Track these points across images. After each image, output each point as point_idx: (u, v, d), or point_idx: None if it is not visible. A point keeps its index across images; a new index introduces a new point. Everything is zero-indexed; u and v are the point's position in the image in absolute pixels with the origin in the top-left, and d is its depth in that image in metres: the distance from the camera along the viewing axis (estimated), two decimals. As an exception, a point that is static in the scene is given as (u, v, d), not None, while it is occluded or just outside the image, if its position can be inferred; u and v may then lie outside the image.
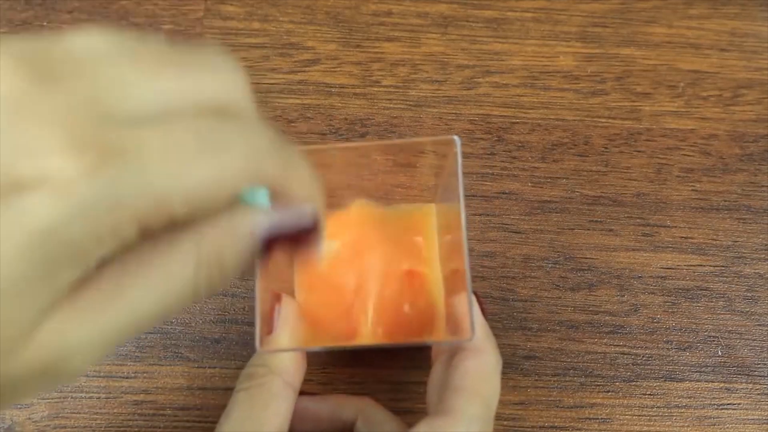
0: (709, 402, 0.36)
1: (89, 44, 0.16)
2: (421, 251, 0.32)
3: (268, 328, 0.29)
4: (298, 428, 0.29)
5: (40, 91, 0.15)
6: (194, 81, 0.17)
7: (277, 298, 0.29)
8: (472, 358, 0.28)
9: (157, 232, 0.17)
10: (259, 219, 0.18)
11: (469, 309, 0.27)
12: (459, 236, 0.27)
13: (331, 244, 0.30)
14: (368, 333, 0.30)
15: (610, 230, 0.38)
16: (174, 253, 0.17)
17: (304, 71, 0.41)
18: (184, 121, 0.17)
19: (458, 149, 0.28)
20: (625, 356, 0.36)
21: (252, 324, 0.36)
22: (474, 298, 0.27)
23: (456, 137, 0.28)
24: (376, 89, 0.41)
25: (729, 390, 0.36)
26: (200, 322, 0.36)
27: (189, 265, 0.17)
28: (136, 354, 0.35)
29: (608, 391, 0.36)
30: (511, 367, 0.36)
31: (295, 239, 0.20)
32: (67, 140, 0.15)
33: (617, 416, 0.35)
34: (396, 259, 0.31)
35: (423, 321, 0.31)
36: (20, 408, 0.34)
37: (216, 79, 0.18)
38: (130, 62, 0.16)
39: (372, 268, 0.31)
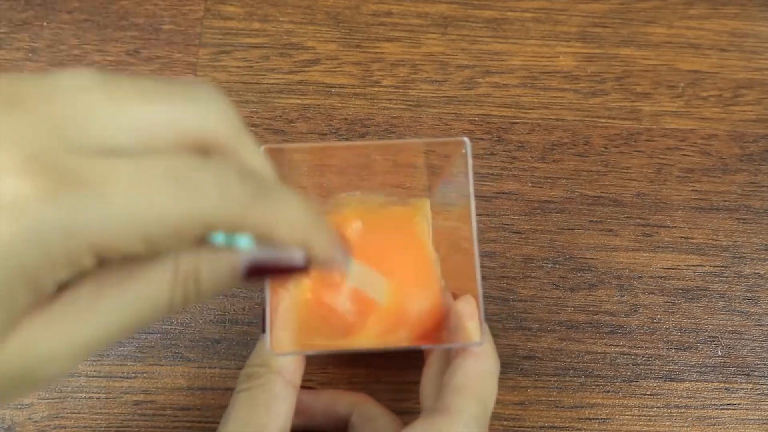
0: (709, 402, 0.36)
1: (70, 78, 0.16)
2: (417, 245, 0.32)
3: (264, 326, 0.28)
4: (292, 422, 0.29)
5: (5, 113, 0.15)
6: (173, 112, 0.17)
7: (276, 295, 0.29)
8: (473, 359, 0.28)
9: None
10: (242, 256, 0.18)
11: (480, 314, 0.27)
12: (468, 240, 0.27)
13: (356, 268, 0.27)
14: (368, 330, 0.30)
15: (610, 230, 0.38)
16: (151, 271, 0.17)
17: (304, 71, 0.41)
18: (158, 157, 0.16)
19: (468, 151, 0.27)
20: (625, 356, 0.36)
21: (251, 324, 0.36)
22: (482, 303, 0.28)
23: (466, 139, 0.28)
24: (376, 89, 0.41)
25: (729, 390, 0.36)
26: (200, 322, 0.36)
27: (165, 284, 0.17)
28: (136, 354, 0.35)
29: (608, 392, 0.36)
30: (511, 367, 0.36)
31: (286, 274, 0.19)
32: (24, 162, 0.15)
33: (617, 416, 0.35)
34: (392, 254, 0.31)
35: (420, 316, 0.31)
36: (20, 408, 0.34)
37: (198, 110, 0.17)
38: (106, 92, 0.16)
39: (369, 264, 0.31)
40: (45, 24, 0.41)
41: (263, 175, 0.19)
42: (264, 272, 0.18)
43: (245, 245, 0.18)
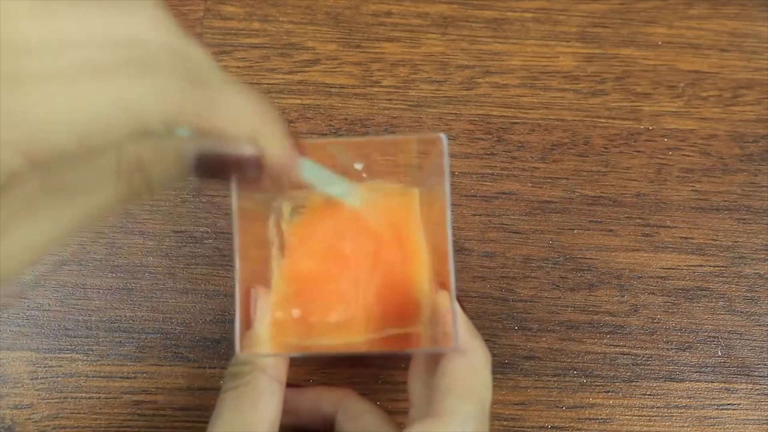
0: (709, 402, 0.36)
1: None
2: (406, 237, 0.31)
3: (247, 324, 0.28)
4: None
5: None
6: (100, 20, 0.16)
7: (254, 292, 0.29)
8: (459, 358, 0.27)
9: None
10: (186, 145, 0.17)
11: (453, 318, 0.26)
12: (444, 239, 0.27)
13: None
14: (352, 327, 0.29)
15: (610, 230, 0.38)
16: (95, 165, 0.17)
17: (304, 71, 0.41)
18: (77, 50, 0.15)
19: (444, 148, 0.27)
20: (625, 356, 0.36)
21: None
22: (458, 306, 0.27)
23: (443, 135, 0.27)
24: (376, 89, 0.41)
25: (729, 390, 0.36)
26: (200, 322, 0.36)
27: (109, 175, 0.17)
28: (136, 354, 0.35)
29: (608, 392, 0.36)
30: (511, 367, 0.36)
31: (238, 169, 0.19)
32: None
33: (617, 417, 0.35)
34: (380, 247, 0.31)
35: (408, 311, 0.30)
36: (20, 408, 0.34)
37: (127, 18, 0.16)
38: (35, 3, 0.15)
39: (353, 258, 0.30)
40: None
41: (204, 67, 0.18)
42: (214, 166, 0.18)
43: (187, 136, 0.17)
